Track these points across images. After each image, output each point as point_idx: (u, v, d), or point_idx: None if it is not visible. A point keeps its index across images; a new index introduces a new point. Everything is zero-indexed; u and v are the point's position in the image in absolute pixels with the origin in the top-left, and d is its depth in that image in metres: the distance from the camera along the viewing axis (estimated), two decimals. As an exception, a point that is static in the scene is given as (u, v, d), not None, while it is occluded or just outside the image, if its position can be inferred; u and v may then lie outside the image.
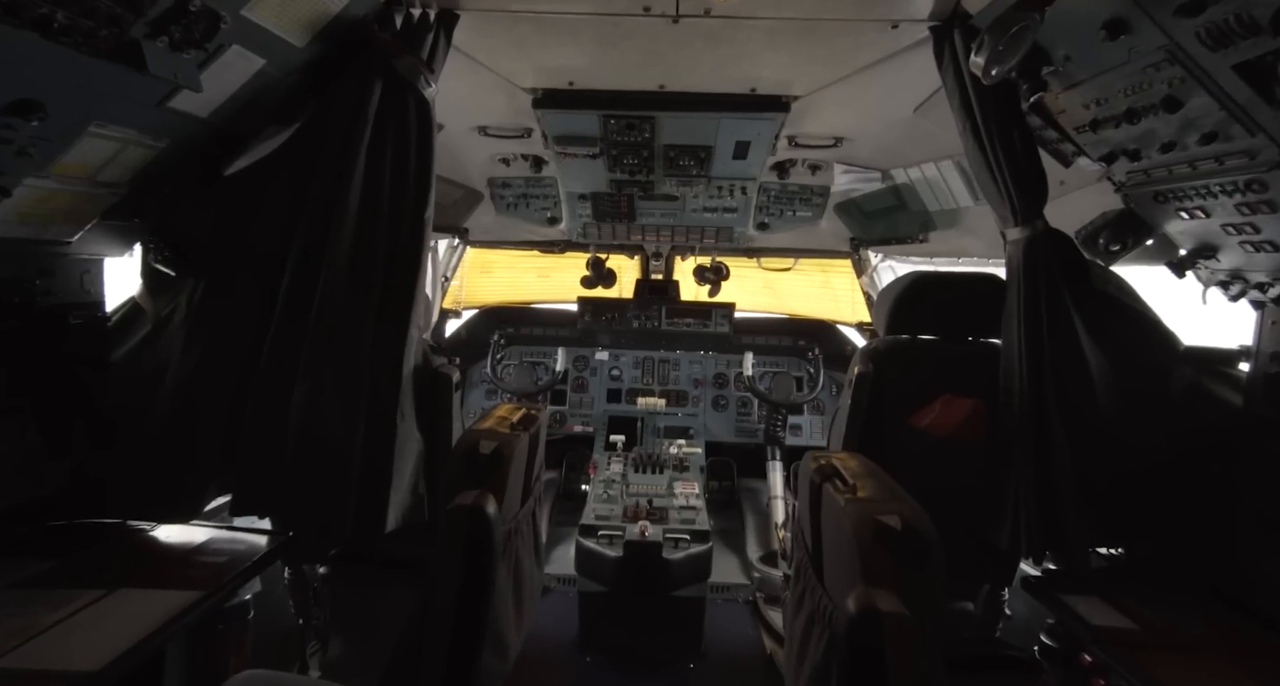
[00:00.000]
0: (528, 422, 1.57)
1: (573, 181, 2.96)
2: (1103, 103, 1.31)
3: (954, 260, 2.64)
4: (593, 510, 2.85)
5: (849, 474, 1.20)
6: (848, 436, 1.78)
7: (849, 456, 1.32)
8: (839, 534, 1.07)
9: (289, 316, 1.67)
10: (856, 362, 1.81)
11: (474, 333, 4.09)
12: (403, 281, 1.75)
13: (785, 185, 3.05)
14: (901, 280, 1.83)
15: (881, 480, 1.18)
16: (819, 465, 1.26)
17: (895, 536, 0.94)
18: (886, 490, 1.12)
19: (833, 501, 1.12)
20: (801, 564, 1.40)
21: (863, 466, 1.25)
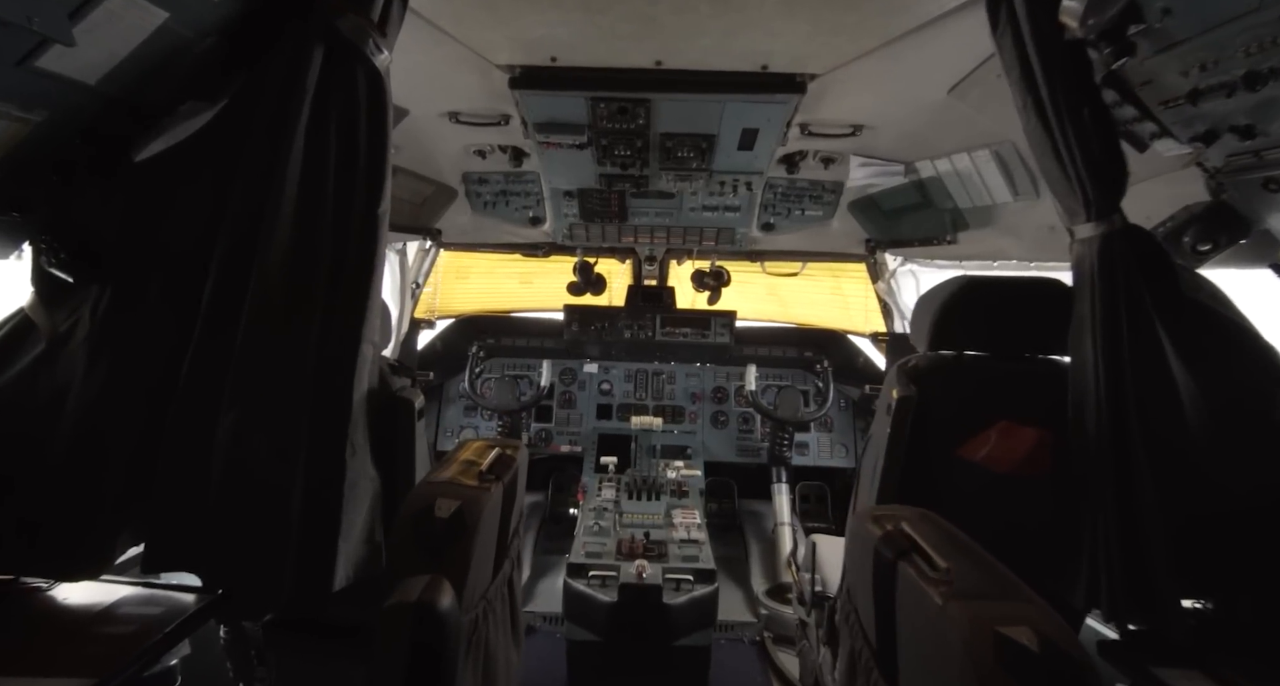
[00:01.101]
0: (501, 468, 1.29)
1: (557, 176, 2.73)
2: (1211, 66, 1.10)
3: (988, 264, 2.44)
4: (582, 545, 2.59)
5: (931, 547, 0.95)
6: (886, 472, 1.54)
7: (921, 516, 1.08)
8: (934, 641, 0.82)
9: (213, 331, 1.40)
10: (894, 384, 1.57)
11: (450, 344, 3.84)
12: (353, 289, 1.49)
13: (794, 181, 2.85)
14: (946, 286, 1.60)
15: (978, 559, 0.94)
16: (885, 533, 1.02)
17: (1031, 661, 0.69)
18: (994, 577, 0.88)
19: (919, 594, 0.87)
20: (856, 653, 1.15)
21: (943, 534, 1.01)
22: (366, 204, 1.50)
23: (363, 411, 1.53)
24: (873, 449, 1.68)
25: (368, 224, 1.51)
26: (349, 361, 1.49)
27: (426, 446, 1.78)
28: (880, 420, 1.64)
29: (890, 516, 1.09)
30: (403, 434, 1.58)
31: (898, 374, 1.62)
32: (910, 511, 1.15)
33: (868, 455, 1.72)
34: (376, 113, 1.49)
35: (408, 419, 1.57)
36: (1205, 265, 1.44)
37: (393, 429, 1.59)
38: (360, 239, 1.50)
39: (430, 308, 3.80)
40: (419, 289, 3.40)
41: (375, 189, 1.51)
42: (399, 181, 2.62)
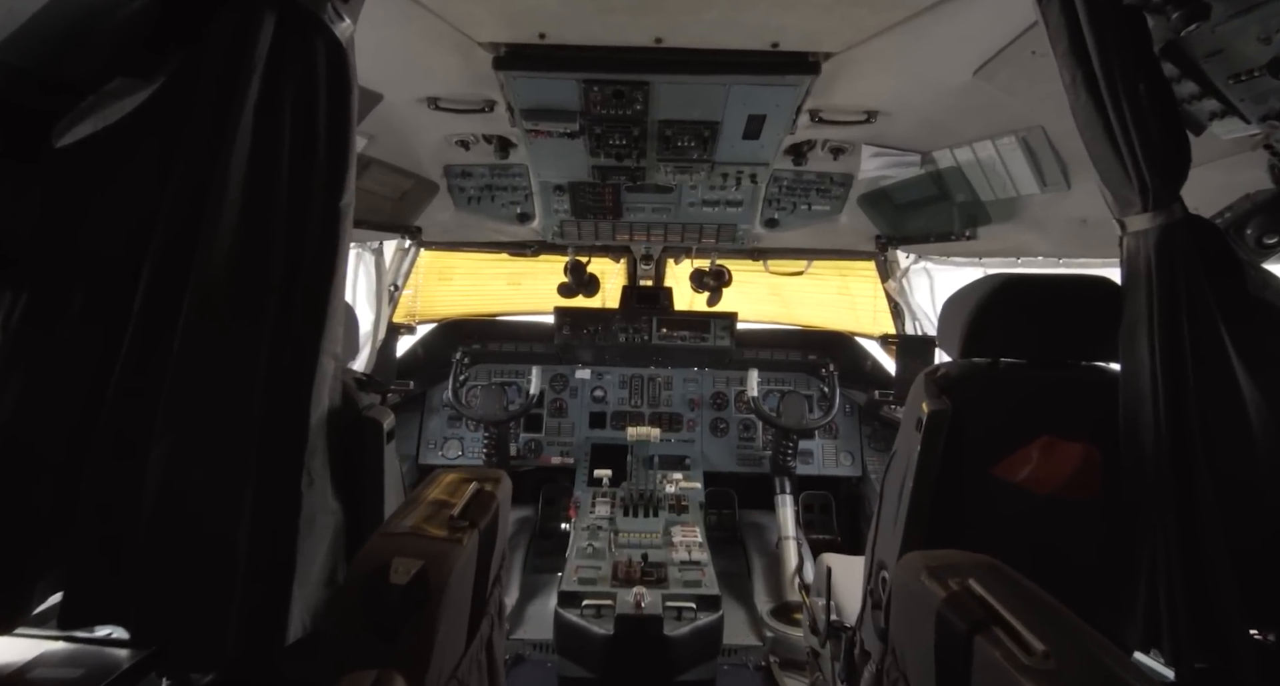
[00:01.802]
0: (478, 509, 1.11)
1: (547, 168, 2.57)
2: None
3: (1010, 261, 2.32)
4: (575, 570, 2.43)
5: (1015, 615, 0.80)
6: (916, 495, 1.40)
7: (990, 570, 0.94)
8: None
9: (145, 346, 1.23)
10: (923, 396, 1.43)
11: (432, 350, 3.67)
12: (310, 294, 1.33)
13: (800, 173, 2.72)
14: (979, 286, 1.46)
15: (1075, 633, 0.79)
16: (951, 594, 0.86)
17: None
18: (1100, 662, 0.73)
19: (1009, 680, 0.72)
20: None
21: (1024, 595, 0.87)
22: (327, 195, 1.34)
23: (322, 435, 1.36)
24: (898, 467, 1.54)
25: (329, 219, 1.34)
26: (305, 377, 1.32)
27: (399, 473, 1.61)
28: (907, 436, 1.50)
29: (950, 567, 0.94)
30: (370, 460, 1.41)
31: (926, 384, 1.48)
32: (973, 560, 1.00)
33: (891, 474, 1.58)
34: (338, 90, 1.32)
35: (375, 442, 1.41)
36: (1271, 259, 1.32)
37: (359, 454, 1.42)
38: (319, 236, 1.34)
39: (410, 311, 3.65)
40: (398, 291, 3.23)
41: (337, 178, 1.34)
42: (373, 175, 2.45)
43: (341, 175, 1.34)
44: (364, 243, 2.80)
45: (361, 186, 2.43)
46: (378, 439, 1.42)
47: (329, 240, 1.34)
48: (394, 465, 1.51)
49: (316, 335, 1.33)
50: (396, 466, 1.63)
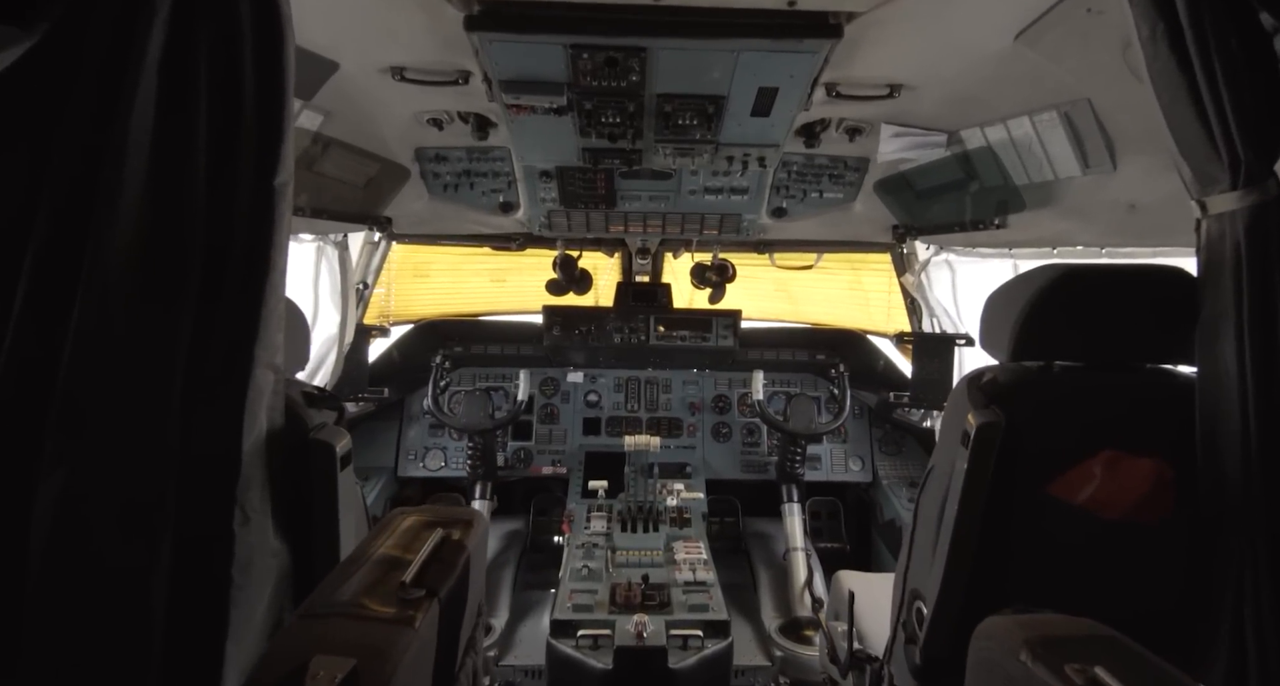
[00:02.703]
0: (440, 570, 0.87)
1: (531, 151, 2.37)
2: None
3: (1046, 251, 2.15)
4: (569, 595, 2.25)
5: None
6: (962, 519, 1.23)
7: (1112, 648, 0.76)
8: None
9: (28, 357, 1.02)
10: (967, 406, 1.26)
11: (409, 354, 3.47)
12: (240, 294, 1.13)
13: (812, 157, 2.54)
14: (1035, 278, 1.29)
15: None
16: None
17: None
18: None
19: None
20: None
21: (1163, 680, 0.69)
22: (257, 173, 1.13)
23: (260, 462, 1.16)
24: (936, 486, 1.36)
25: (260, 201, 1.14)
26: (235, 393, 1.12)
27: (359, 502, 1.42)
28: (948, 451, 1.32)
29: (1059, 644, 0.76)
30: (320, 490, 1.21)
31: (971, 392, 1.30)
32: (1085, 632, 0.83)
33: (928, 493, 1.41)
34: (269, 45, 1.11)
35: (326, 469, 1.21)
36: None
37: (309, 483, 1.22)
38: (250, 222, 1.13)
39: (384, 312, 3.45)
40: (367, 290, 3.01)
41: (269, 152, 1.14)
42: (334, 158, 2.23)
43: (275, 148, 1.13)
44: (325, 235, 2.58)
45: (319, 171, 2.22)
46: (329, 465, 1.22)
47: (262, 227, 1.13)
48: (353, 494, 1.31)
49: (248, 342, 1.13)
50: (356, 495, 1.43)
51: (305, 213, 2.25)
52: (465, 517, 0.99)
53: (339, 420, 1.35)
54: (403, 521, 0.97)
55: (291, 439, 1.23)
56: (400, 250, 3.40)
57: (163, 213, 1.05)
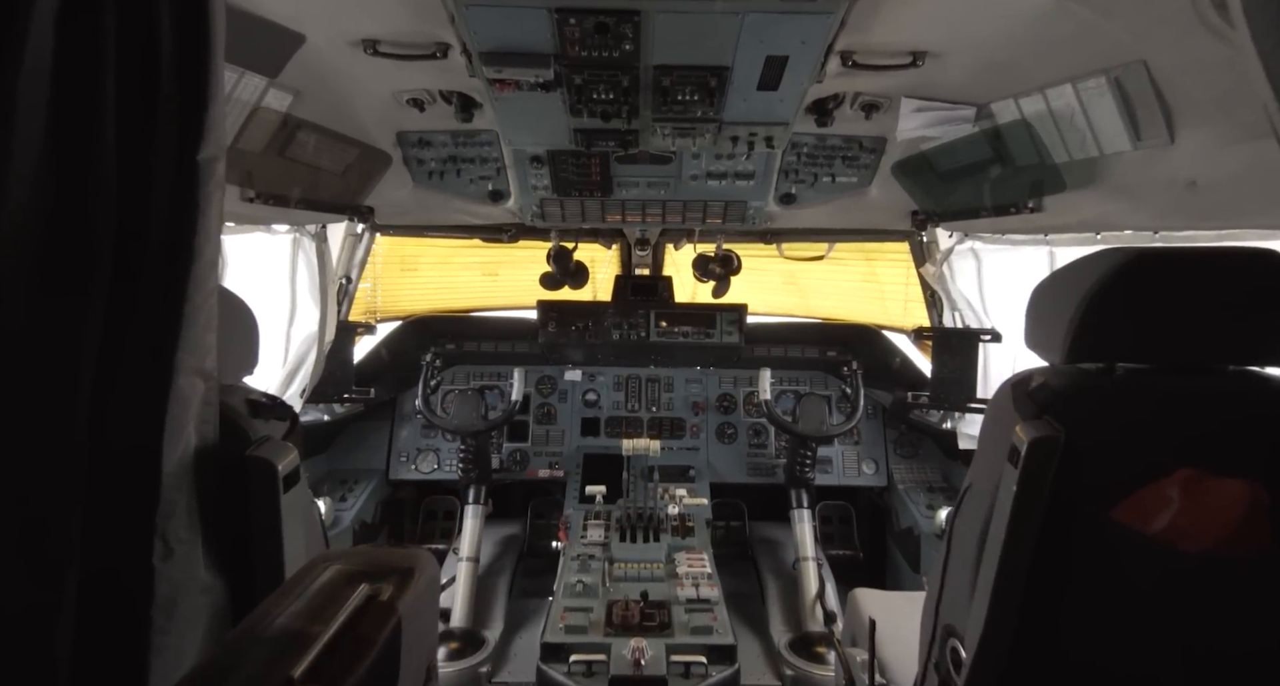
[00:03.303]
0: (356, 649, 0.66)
1: (519, 133, 2.20)
2: None
3: (1089, 236, 1.96)
4: (561, 614, 2.09)
5: None
6: (1010, 550, 1.05)
7: None
8: None
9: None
10: (1015, 416, 1.08)
11: (398, 351, 3.33)
12: (160, 289, 0.97)
13: (824, 138, 2.36)
14: (1095, 264, 1.11)
15: None
16: None
17: None
18: None
19: None
20: None
21: None
22: (179, 146, 0.97)
23: (186, 484, 1.01)
24: (975, 509, 1.19)
25: (182, 180, 0.98)
26: (153, 406, 0.97)
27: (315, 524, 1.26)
28: (990, 468, 1.14)
29: None
30: (261, 514, 1.06)
31: (1018, 399, 1.12)
32: None
33: (965, 516, 1.23)
34: None
35: (265, 489, 1.05)
36: None
37: (247, 506, 1.07)
38: (169, 205, 0.97)
39: (370, 308, 3.30)
40: (350, 285, 2.86)
41: (192, 122, 0.98)
42: (306, 141, 2.07)
43: (198, 116, 0.97)
44: (302, 226, 2.42)
45: (291, 156, 2.06)
46: (268, 485, 1.06)
47: (184, 211, 0.97)
48: (302, 517, 1.15)
49: (169, 345, 0.97)
50: (310, 517, 1.27)
51: (276, 201, 2.09)
52: (404, 565, 0.81)
53: (290, 432, 1.19)
54: (320, 574, 0.80)
55: (229, 455, 1.08)
56: (385, 243, 3.27)
57: (63, 192, 0.89)
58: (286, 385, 2.54)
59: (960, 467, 3.23)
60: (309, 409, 2.91)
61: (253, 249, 2.34)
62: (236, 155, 1.86)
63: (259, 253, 2.38)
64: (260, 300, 2.48)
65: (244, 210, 1.98)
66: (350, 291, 2.90)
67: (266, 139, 1.95)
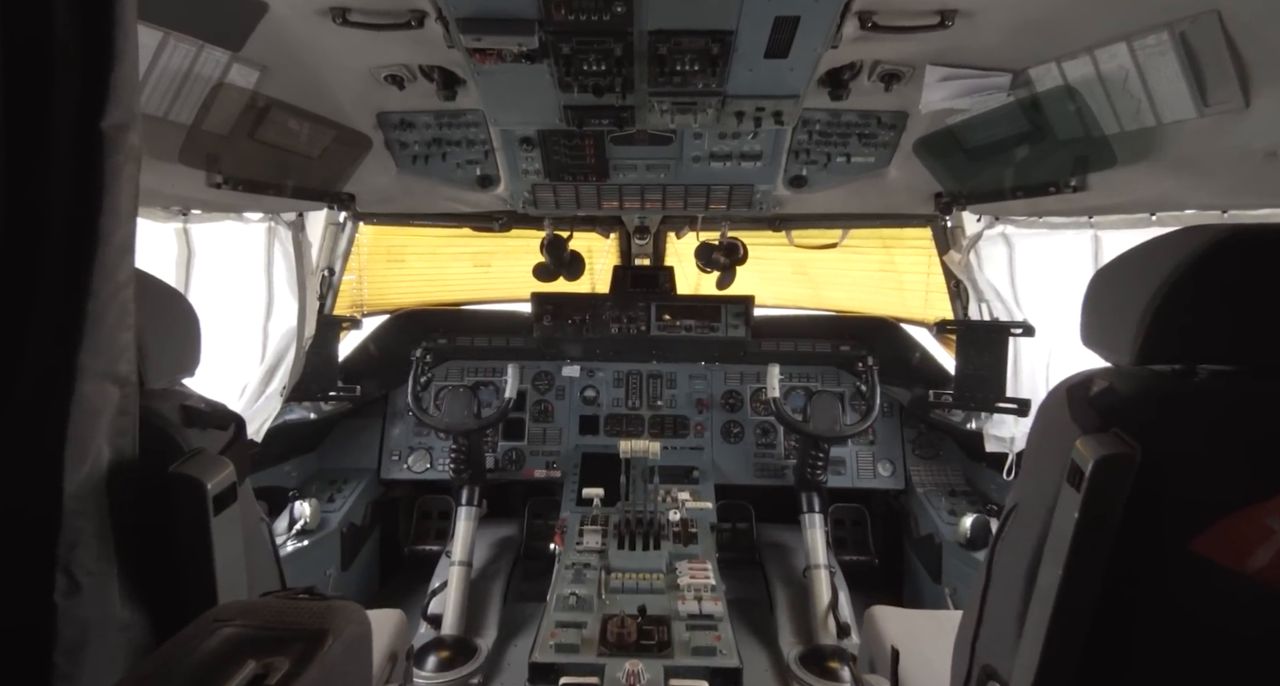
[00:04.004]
0: None
1: (505, 111, 2.05)
2: None
3: (1142, 217, 1.77)
4: (552, 630, 1.97)
5: None
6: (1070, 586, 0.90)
7: None
8: None
9: None
10: (1072, 427, 0.93)
11: (387, 347, 3.23)
12: (58, 280, 0.84)
13: (838, 113, 2.18)
14: (1171, 245, 0.94)
15: None
16: None
17: None
18: None
19: None
20: None
21: None
22: (80, 110, 0.84)
23: (96, 508, 0.88)
24: (1023, 535, 1.03)
25: (84, 152, 0.85)
26: (54, 418, 0.84)
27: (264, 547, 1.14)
28: (1043, 489, 0.98)
29: None
30: (188, 540, 0.93)
31: (1076, 407, 0.96)
32: None
33: (1009, 545, 1.07)
34: None
35: (192, 511, 0.93)
36: None
37: (175, 531, 0.94)
38: (69, 180, 0.84)
39: (356, 301, 3.18)
40: (332, 276, 2.74)
41: (97, 82, 0.85)
42: (278, 124, 1.94)
43: (103, 77, 0.84)
44: (277, 214, 2.29)
45: (260, 138, 1.93)
46: (195, 507, 0.93)
47: (87, 187, 0.85)
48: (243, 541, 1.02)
49: (70, 346, 0.84)
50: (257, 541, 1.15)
51: (247, 187, 1.96)
52: (314, 626, 0.65)
53: (232, 443, 1.06)
54: (203, 640, 0.66)
55: (153, 472, 0.95)
56: (370, 232, 3.15)
57: None
58: (265, 383, 2.44)
59: (985, 471, 3.08)
60: (294, 407, 2.81)
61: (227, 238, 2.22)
62: (200, 137, 1.74)
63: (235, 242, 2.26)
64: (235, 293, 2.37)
65: (211, 196, 1.85)
66: (334, 284, 2.79)
67: (234, 119, 1.82)
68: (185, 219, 1.93)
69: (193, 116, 1.65)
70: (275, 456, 2.88)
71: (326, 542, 2.75)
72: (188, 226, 1.95)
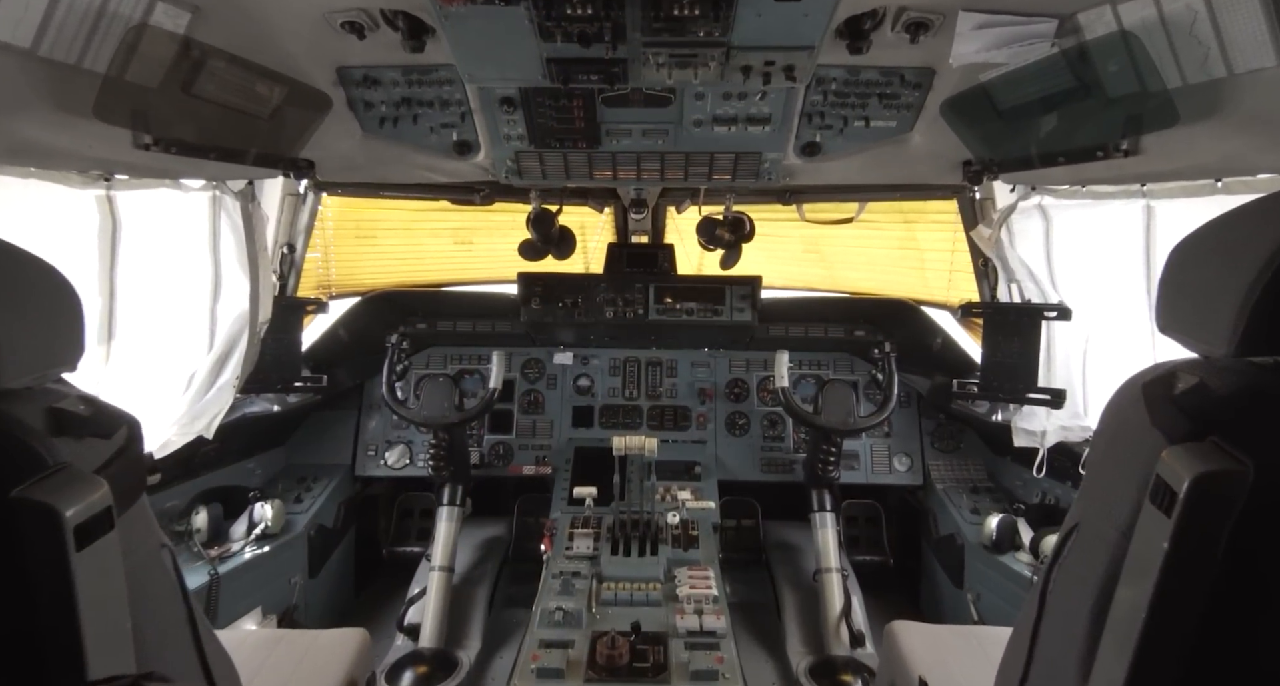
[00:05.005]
0: None
1: (479, 64, 1.87)
2: None
3: (1208, 185, 1.61)
4: (534, 651, 1.84)
5: None
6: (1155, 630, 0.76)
7: None
8: None
9: None
10: (1155, 435, 0.80)
11: (359, 332, 3.09)
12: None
13: (857, 70, 2.00)
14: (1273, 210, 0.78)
15: None
16: None
17: None
18: None
19: None
20: None
21: None
22: None
23: None
24: (1089, 563, 0.89)
25: None
26: None
27: (171, 584, 1.00)
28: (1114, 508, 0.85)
29: None
30: (42, 582, 0.78)
31: (1153, 405, 0.83)
32: None
33: (1069, 573, 0.94)
34: None
35: (46, 546, 0.77)
36: None
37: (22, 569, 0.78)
38: None
39: (323, 282, 3.02)
40: (295, 254, 2.57)
41: None
42: (217, 76, 1.76)
43: None
44: (222, 181, 2.12)
45: (196, 92, 1.75)
46: (49, 541, 0.77)
47: None
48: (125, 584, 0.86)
49: None
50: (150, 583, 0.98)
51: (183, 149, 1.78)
52: None
53: (119, 455, 0.91)
54: None
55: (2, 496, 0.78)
56: (336, 206, 2.98)
57: None
58: (216, 373, 2.29)
59: (1009, 465, 2.96)
60: (255, 399, 2.67)
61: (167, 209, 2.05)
62: (122, 89, 1.56)
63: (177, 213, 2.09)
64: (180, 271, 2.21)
65: (139, 159, 1.68)
66: (296, 262, 2.62)
67: (164, 70, 1.64)
68: (109, 185, 1.76)
69: (108, 64, 1.47)
70: (236, 452, 2.75)
71: (291, 548, 2.63)
72: (112, 194, 1.79)
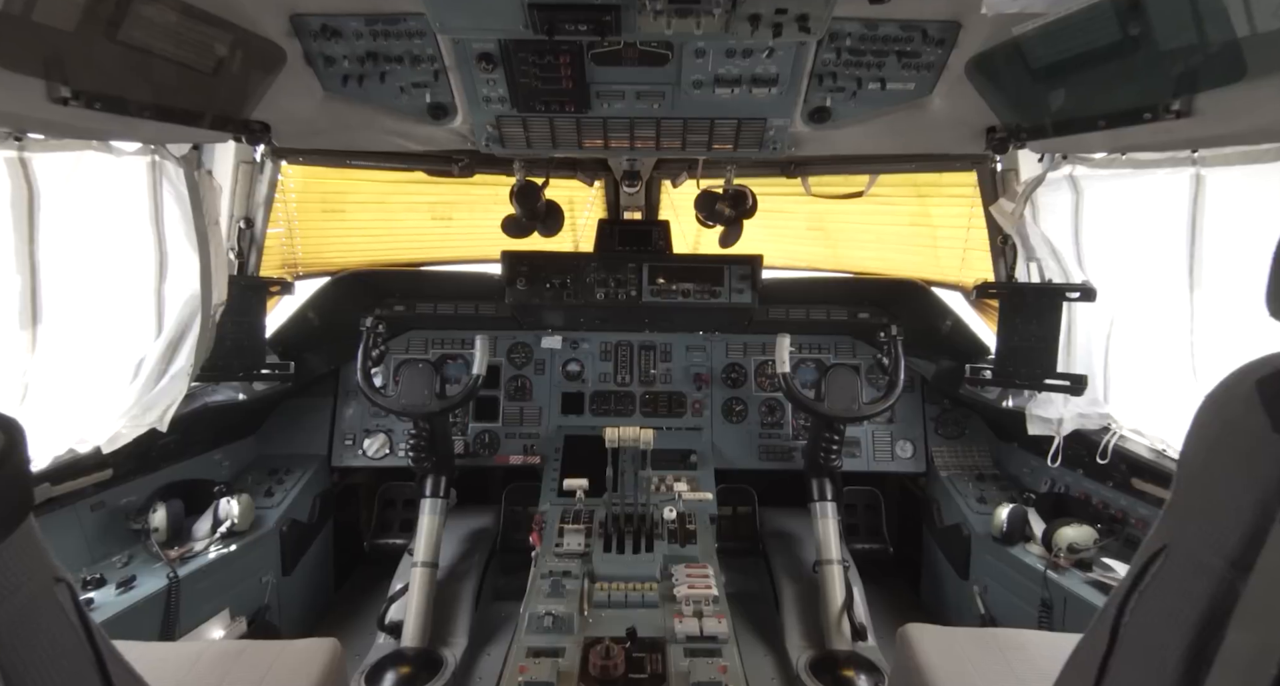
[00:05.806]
0: None
1: (452, 12, 1.68)
2: None
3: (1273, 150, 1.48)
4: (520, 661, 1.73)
5: None
6: None
7: None
8: None
9: None
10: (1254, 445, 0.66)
11: (329, 315, 2.93)
12: None
13: (874, 24, 1.84)
14: None
15: None
16: None
17: None
18: None
19: None
20: None
21: None
22: None
23: None
24: (1184, 595, 0.79)
25: None
26: None
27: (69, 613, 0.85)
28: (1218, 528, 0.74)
29: None
30: None
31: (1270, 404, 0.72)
32: None
33: (1152, 606, 0.84)
34: None
35: None
36: None
37: None
38: None
39: (289, 261, 2.83)
40: (254, 229, 2.37)
41: None
42: (148, 21, 1.55)
43: None
44: (161, 145, 1.91)
45: (124, 40, 1.53)
46: None
47: None
48: None
49: None
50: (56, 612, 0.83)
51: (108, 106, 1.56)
52: None
53: None
54: None
55: None
56: (300, 175, 2.77)
57: None
58: (167, 360, 2.11)
59: (1016, 452, 2.89)
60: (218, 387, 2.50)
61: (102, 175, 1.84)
62: (27, 30, 1.34)
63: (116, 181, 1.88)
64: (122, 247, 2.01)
65: (58, 116, 1.47)
66: (256, 238, 2.43)
67: (79, 11, 1.42)
68: (20, 146, 1.55)
69: None
70: (200, 444, 2.59)
71: (262, 545, 2.50)
72: (24, 155, 1.58)
